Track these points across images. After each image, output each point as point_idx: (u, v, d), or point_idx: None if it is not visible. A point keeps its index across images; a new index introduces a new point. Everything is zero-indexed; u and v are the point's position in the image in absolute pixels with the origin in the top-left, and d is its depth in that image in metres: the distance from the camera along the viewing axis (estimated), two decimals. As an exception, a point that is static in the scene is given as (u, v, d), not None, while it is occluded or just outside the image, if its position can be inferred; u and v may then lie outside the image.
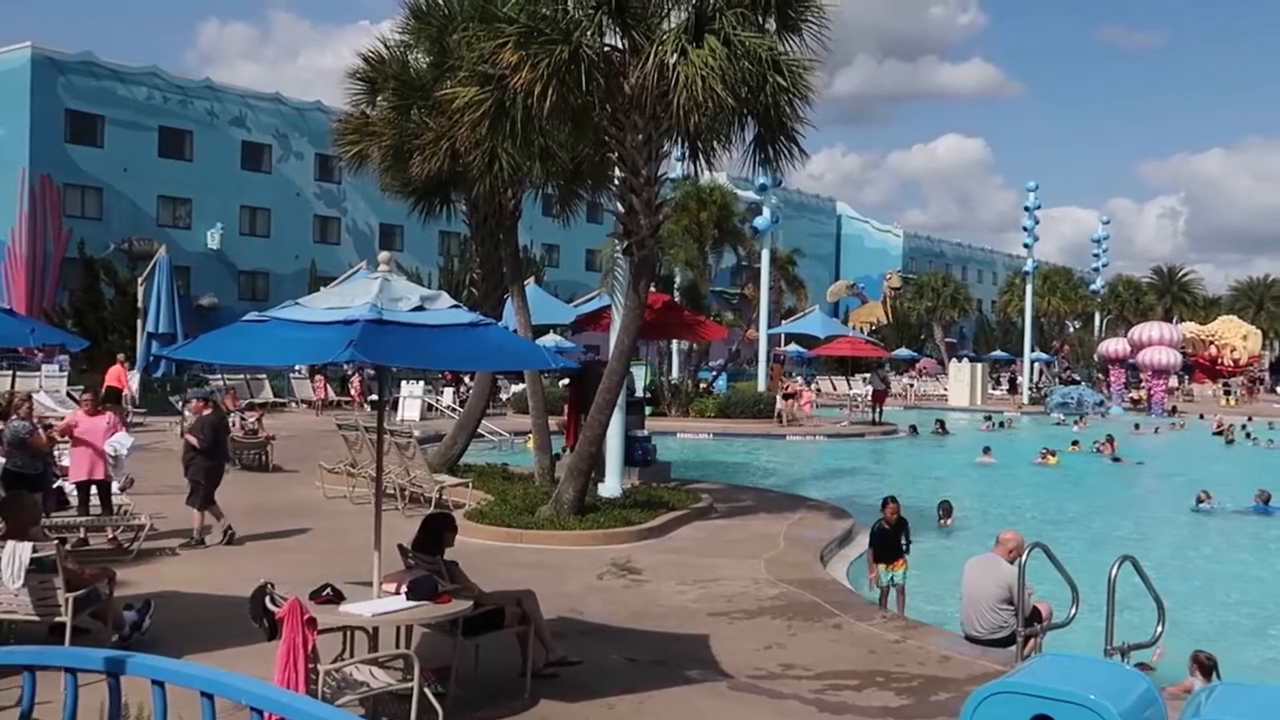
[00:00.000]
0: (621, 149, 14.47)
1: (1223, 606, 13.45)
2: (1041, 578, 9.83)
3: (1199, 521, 20.11)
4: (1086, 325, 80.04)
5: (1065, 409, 48.25)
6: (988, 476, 26.40)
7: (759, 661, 8.74)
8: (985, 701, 4.38)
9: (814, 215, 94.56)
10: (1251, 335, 69.51)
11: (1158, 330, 56.53)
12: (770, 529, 14.96)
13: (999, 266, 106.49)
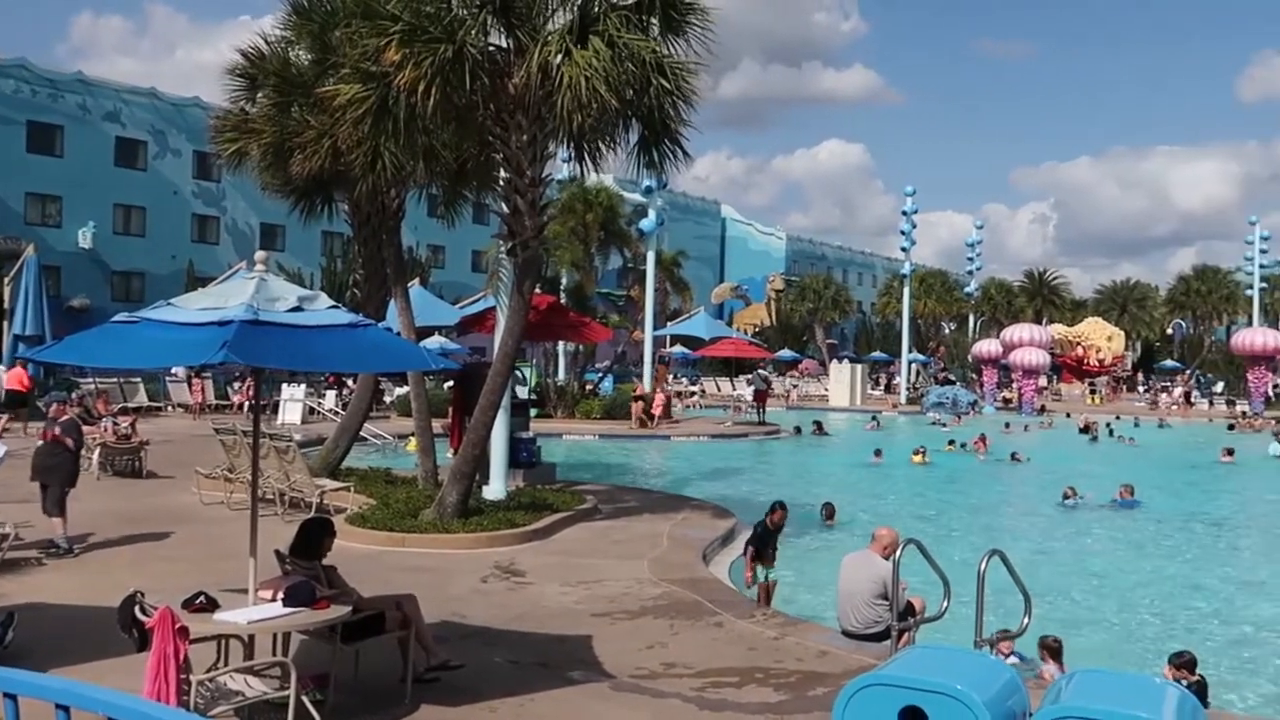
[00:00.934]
0: (506, 149, 14.42)
1: (1087, 597, 13.96)
2: (915, 573, 10.10)
3: (1066, 516, 20.84)
4: (961, 327, 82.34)
5: (941, 408, 49.53)
6: (869, 475, 26.99)
7: (641, 661, 8.81)
8: (857, 694, 4.49)
9: (699, 218, 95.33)
10: (1116, 336, 72.34)
11: (1028, 332, 58.45)
12: (654, 529, 15.06)
13: (879, 269, 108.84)
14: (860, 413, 48.69)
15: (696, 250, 78.08)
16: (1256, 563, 17.29)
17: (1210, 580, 15.40)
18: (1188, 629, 12.50)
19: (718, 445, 33.05)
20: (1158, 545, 18.19)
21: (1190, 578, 15.53)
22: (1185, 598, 14.17)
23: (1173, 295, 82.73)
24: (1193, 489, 25.97)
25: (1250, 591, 14.76)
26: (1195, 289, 79.20)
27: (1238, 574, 16.13)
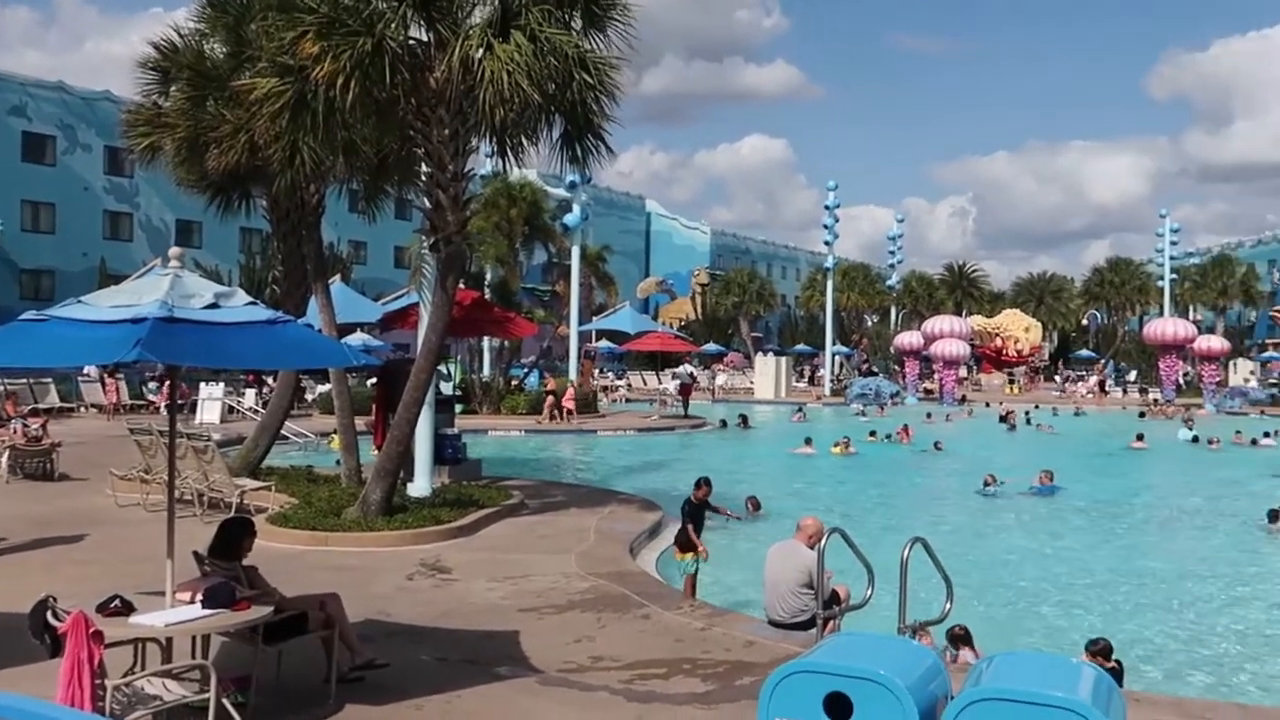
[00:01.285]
0: (428, 144, 14.29)
1: (1007, 582, 14.22)
2: (840, 562, 10.21)
3: (986, 503, 21.22)
4: (883, 319, 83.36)
5: (864, 399, 50.11)
6: (795, 466, 27.23)
7: (569, 655, 8.80)
8: (783, 682, 4.52)
9: (624, 213, 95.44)
10: (1033, 327, 73.73)
11: (948, 323, 59.41)
12: (581, 524, 15.05)
13: (802, 263, 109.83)
14: (785, 405, 49.12)
15: (621, 245, 78.11)
16: (1168, 544, 17.74)
17: (1125, 562, 15.79)
18: (1105, 610, 12.78)
19: (644, 439, 33.14)
20: (1075, 530, 18.59)
21: (1106, 560, 15.90)
22: (1102, 580, 14.50)
23: (1088, 287, 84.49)
24: (1108, 475, 26.61)
25: (1162, 572, 15.13)
26: (1109, 280, 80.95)
27: (1151, 555, 16.54)
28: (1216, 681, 10.17)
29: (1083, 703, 4.05)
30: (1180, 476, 27.20)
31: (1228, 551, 16.83)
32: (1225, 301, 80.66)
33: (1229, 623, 12.31)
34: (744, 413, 39.32)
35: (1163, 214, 71.45)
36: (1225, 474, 26.64)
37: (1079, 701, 4.03)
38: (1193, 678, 10.28)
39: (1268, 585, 14.43)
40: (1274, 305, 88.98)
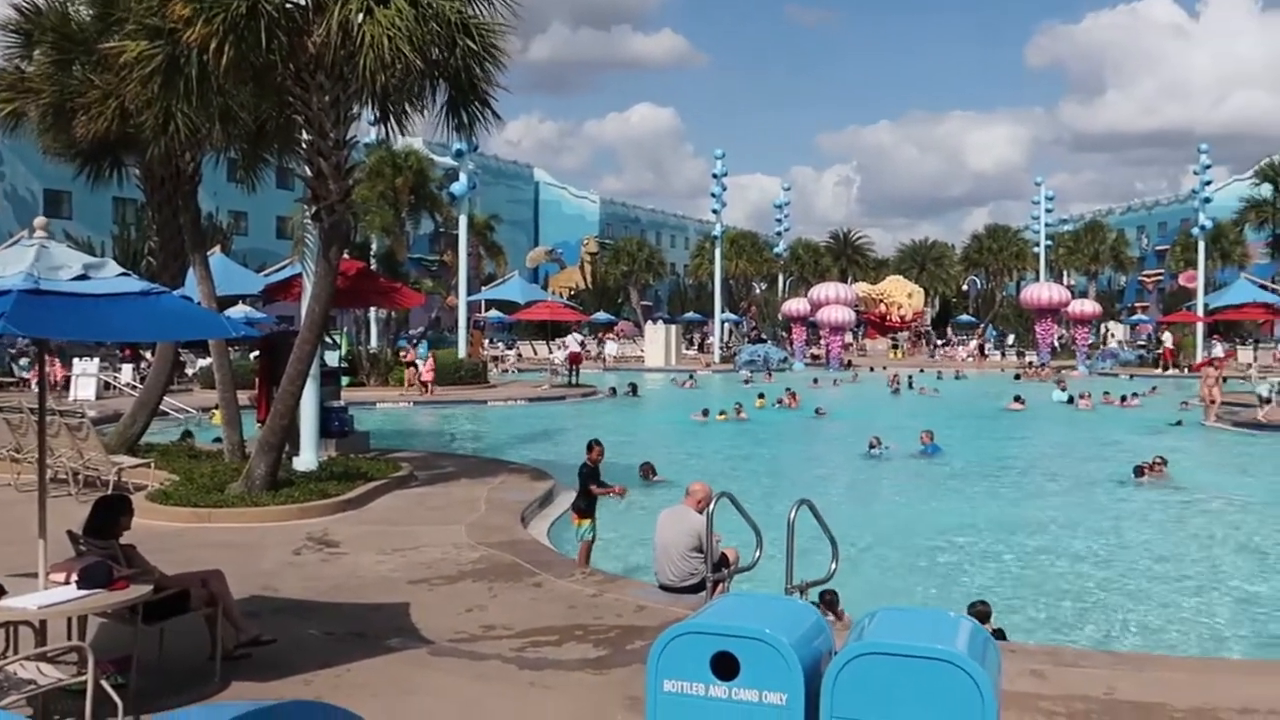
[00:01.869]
0: (307, 111, 13.95)
1: (892, 540, 14.56)
2: (730, 525, 10.35)
3: (872, 465, 21.69)
4: (771, 286, 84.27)
5: (753, 366, 50.75)
6: (687, 432, 27.47)
7: (460, 625, 8.77)
8: (671, 643, 4.56)
9: (512, 181, 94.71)
10: (916, 293, 75.37)
11: (834, 290, 60.32)
12: (471, 494, 14.98)
13: (691, 231, 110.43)
14: (676, 372, 49.44)
15: (510, 214, 77.59)
16: (1043, 501, 18.32)
17: (1003, 518, 16.28)
18: (984, 565, 13.19)
19: (535, 409, 33.07)
20: (956, 489, 19.12)
21: (986, 517, 16.38)
22: (982, 536, 14.93)
23: (967, 253, 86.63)
24: (987, 435, 27.41)
25: (1037, 527, 15.65)
26: (988, 247, 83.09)
27: (1027, 512, 17.07)
28: (1091, 630, 10.58)
29: (960, 654, 4.18)
30: (1055, 436, 28.14)
31: (1098, 507, 17.47)
32: (1097, 267, 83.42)
33: (1099, 574, 12.80)
34: (634, 381, 39.47)
35: (1038, 182, 73.57)
36: (1097, 433, 27.63)
37: (956, 653, 4.16)
38: (1066, 628, 10.68)
39: (1134, 538, 15.03)
40: (1143, 270, 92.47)
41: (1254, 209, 37.51)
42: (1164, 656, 9.28)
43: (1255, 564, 13.60)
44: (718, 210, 61.37)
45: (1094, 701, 7.07)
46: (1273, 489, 19.21)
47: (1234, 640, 10.29)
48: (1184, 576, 12.79)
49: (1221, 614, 11.19)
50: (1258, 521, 16.44)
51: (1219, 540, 15.05)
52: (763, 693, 4.34)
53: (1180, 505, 17.55)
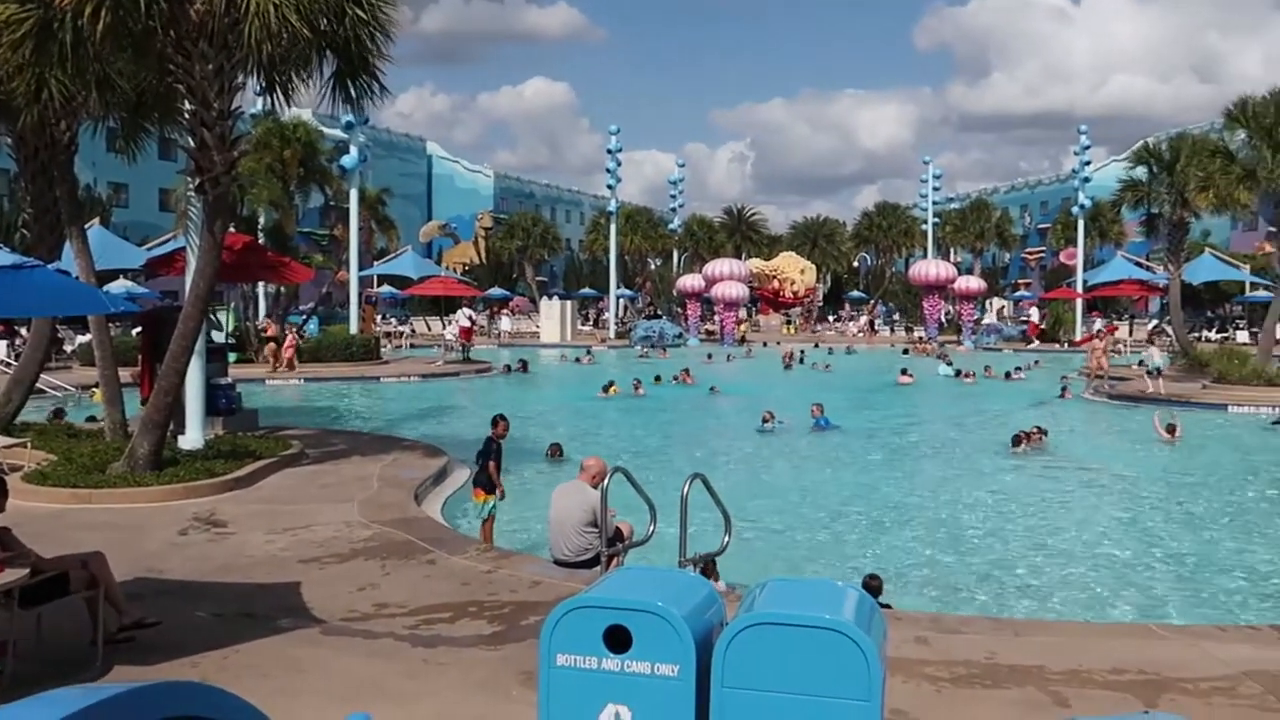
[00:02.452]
0: (190, 80, 13.52)
1: (784, 513, 14.79)
2: (624, 500, 10.41)
3: (765, 439, 21.98)
4: (666, 262, 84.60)
5: (648, 342, 50.97)
6: (582, 408, 27.50)
7: (352, 604, 8.67)
8: (564, 618, 4.57)
9: (404, 155, 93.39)
10: (808, 270, 76.29)
11: (728, 266, 60.85)
12: (363, 471, 14.80)
13: (586, 207, 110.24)
14: (572, 348, 49.40)
15: (402, 188, 76.51)
16: (929, 471, 18.80)
17: (892, 489, 16.67)
18: (874, 535, 13.50)
19: (428, 385, 32.77)
20: (847, 461, 19.49)
21: (875, 488, 16.76)
22: (872, 507, 15.27)
23: (858, 230, 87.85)
24: (877, 409, 27.97)
25: (924, 497, 16.06)
26: (878, 224, 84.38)
27: (914, 482, 17.52)
28: (974, 597, 10.90)
29: (847, 623, 4.27)
30: (941, 409, 28.83)
31: (981, 476, 17.99)
32: (982, 244, 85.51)
33: (982, 543, 13.19)
34: (523, 358, 39.35)
35: (926, 161, 75.15)
36: (981, 405, 28.40)
37: (843, 622, 4.25)
38: (950, 594, 10.98)
39: (1014, 507, 15.51)
40: (1026, 248, 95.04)
41: (1130, 189, 38.72)
42: (1042, 621, 9.61)
43: (1125, 532, 14.15)
44: (613, 186, 61.37)
45: (976, 666, 7.29)
46: (1142, 459, 19.97)
47: (1105, 604, 10.69)
48: (1061, 544, 13.25)
49: (1094, 580, 11.62)
50: (1129, 490, 17.12)
51: (1093, 508, 15.63)
52: (655, 664, 4.38)
53: (1058, 474, 18.15)
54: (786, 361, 41.39)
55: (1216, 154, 31.36)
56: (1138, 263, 56.78)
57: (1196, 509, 15.38)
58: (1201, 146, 32.93)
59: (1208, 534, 13.64)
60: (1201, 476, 17.98)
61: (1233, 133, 31.11)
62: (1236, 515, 14.89)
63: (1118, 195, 41.14)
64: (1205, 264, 55.97)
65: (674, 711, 4.38)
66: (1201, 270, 54.81)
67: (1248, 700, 6.72)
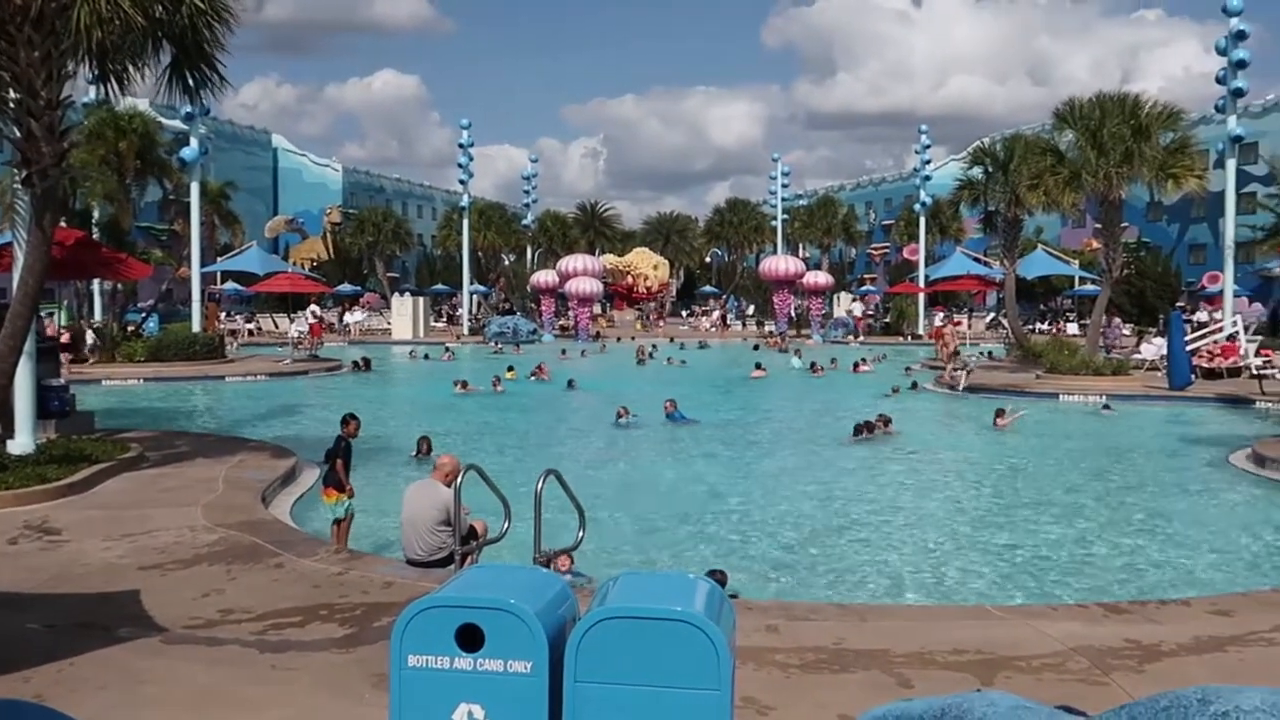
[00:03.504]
0: (14, 67, 12.88)
1: (639, 507, 14.89)
2: (479, 498, 10.35)
3: (620, 434, 22.11)
4: (520, 258, 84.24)
5: (502, 338, 50.71)
6: (437, 406, 27.20)
7: (196, 611, 8.42)
8: (415, 618, 4.53)
9: (248, 147, 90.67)
10: (661, 265, 77.00)
11: (582, 262, 60.92)
12: (208, 474, 14.36)
13: (438, 202, 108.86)
14: (426, 345, 48.82)
15: (247, 181, 74.20)
16: (780, 463, 19.19)
17: (744, 481, 16.97)
18: (727, 526, 13.69)
19: (276, 384, 31.95)
20: (701, 454, 19.73)
21: (728, 479, 17.03)
22: (725, 498, 15.51)
23: (710, 226, 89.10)
24: (731, 403, 28.43)
25: (775, 487, 16.40)
26: (729, 220, 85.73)
27: (766, 474, 17.86)
28: (823, 584, 11.16)
29: (696, 614, 4.34)
30: (793, 401, 29.47)
31: (829, 466, 18.45)
32: (829, 240, 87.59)
33: (832, 530, 13.52)
34: (366, 355, 38.73)
35: (775, 158, 76.45)
36: (831, 397, 29.11)
37: (693, 613, 4.32)
38: (802, 583, 11.23)
39: (861, 494, 15.95)
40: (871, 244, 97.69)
41: (967, 188, 40.26)
42: (888, 606, 9.93)
43: (965, 517, 14.72)
44: (465, 181, 60.79)
45: (824, 651, 7.49)
46: (980, 446, 20.77)
47: (947, 587, 11.09)
48: (906, 530, 13.69)
49: (937, 564, 12.05)
50: (967, 476, 17.80)
51: (935, 495, 16.20)
52: (508, 662, 4.38)
53: (902, 462, 18.74)
54: (640, 357, 41.69)
55: (1046, 154, 32.79)
56: (976, 258, 58.99)
57: (1030, 493, 16.09)
58: (1033, 147, 34.42)
59: (1041, 516, 14.27)
60: (1035, 462, 18.81)
61: (1061, 134, 32.59)
62: (1067, 498, 15.61)
63: (956, 193, 42.75)
64: (1038, 259, 58.58)
65: (527, 708, 4.39)
66: (1034, 265, 57.35)
67: (1075, 674, 7.08)
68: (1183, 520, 14.18)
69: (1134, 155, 30.15)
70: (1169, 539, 13.07)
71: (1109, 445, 20.82)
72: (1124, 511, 14.89)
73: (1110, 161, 30.12)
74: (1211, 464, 17.94)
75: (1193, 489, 16.41)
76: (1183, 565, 11.82)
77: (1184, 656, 7.47)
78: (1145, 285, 59.17)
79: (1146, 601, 9.32)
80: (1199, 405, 25.61)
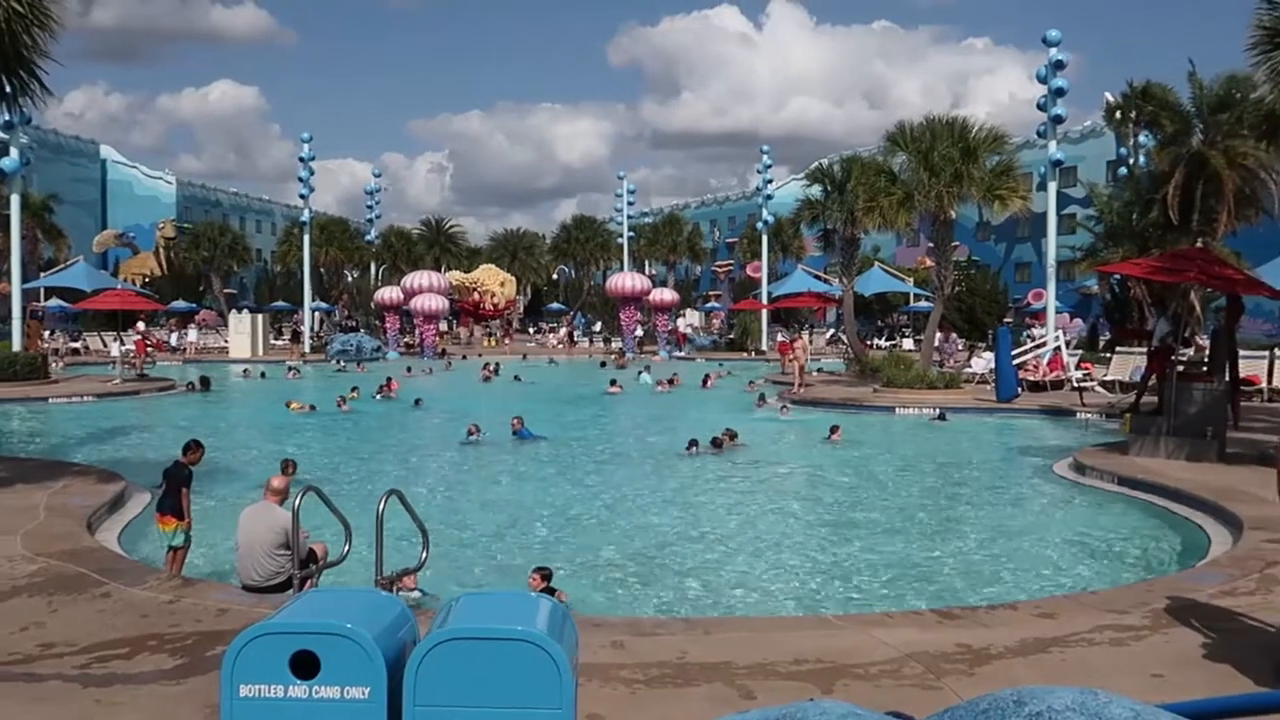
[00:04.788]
0: None
1: (486, 526, 14.75)
2: (320, 519, 10.11)
3: (470, 452, 21.89)
4: (364, 274, 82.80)
5: (346, 356, 49.74)
6: (280, 426, 26.49)
7: (14, 646, 7.98)
8: (247, 646, 4.41)
9: (74, 158, 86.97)
10: (508, 282, 76.64)
11: (427, 278, 60.27)
12: (28, 501, 13.65)
13: (278, 216, 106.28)
14: (265, 363, 47.50)
15: (73, 194, 71.23)
16: (627, 476, 19.27)
17: (593, 498, 16.96)
18: (573, 542, 13.67)
19: (104, 405, 30.61)
20: (548, 471, 19.69)
21: (574, 495, 17.01)
22: (570, 514, 15.48)
23: (556, 243, 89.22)
24: (581, 417, 28.45)
25: (620, 501, 16.46)
26: (575, 237, 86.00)
27: (613, 488, 17.88)
28: (669, 599, 11.25)
29: (538, 633, 4.33)
30: (640, 417, 29.62)
31: (676, 480, 18.61)
32: (675, 257, 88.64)
33: (677, 545, 13.62)
34: (204, 375, 37.52)
35: (621, 176, 76.89)
36: (679, 412, 29.41)
37: (534, 632, 4.31)
38: (647, 597, 11.30)
39: (706, 508, 16.16)
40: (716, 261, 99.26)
41: (807, 207, 41.35)
42: (731, 618, 10.07)
43: (807, 528, 15.03)
44: (306, 195, 59.46)
45: (669, 666, 7.55)
46: (819, 459, 21.24)
47: (789, 598, 11.32)
48: (752, 541, 13.90)
49: (779, 575, 12.28)
50: (812, 488, 18.21)
51: (777, 507, 16.51)
52: (345, 689, 4.30)
53: (748, 475, 19.05)
54: (486, 374, 41.41)
55: (881, 175, 33.91)
56: (816, 276, 60.56)
57: (868, 503, 16.54)
58: (869, 168, 35.54)
59: (878, 525, 14.69)
60: (873, 473, 19.35)
61: (894, 156, 33.76)
62: (903, 507, 16.12)
63: (797, 213, 43.85)
64: (875, 277, 60.49)
65: (365, 735, 4.31)
66: (872, 283, 59.22)
67: (910, 680, 7.30)
68: (1011, 527, 14.78)
69: (963, 177, 31.49)
70: (998, 545, 13.61)
71: (942, 456, 21.59)
72: (956, 519, 15.46)
73: (941, 182, 31.37)
74: (1037, 473, 18.77)
75: (1020, 497, 17.13)
76: (1011, 570, 12.33)
77: (1011, 659, 7.78)
78: (975, 302, 61.61)
79: (977, 607, 9.69)
80: (1025, 416, 26.78)
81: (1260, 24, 14.95)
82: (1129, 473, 16.62)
